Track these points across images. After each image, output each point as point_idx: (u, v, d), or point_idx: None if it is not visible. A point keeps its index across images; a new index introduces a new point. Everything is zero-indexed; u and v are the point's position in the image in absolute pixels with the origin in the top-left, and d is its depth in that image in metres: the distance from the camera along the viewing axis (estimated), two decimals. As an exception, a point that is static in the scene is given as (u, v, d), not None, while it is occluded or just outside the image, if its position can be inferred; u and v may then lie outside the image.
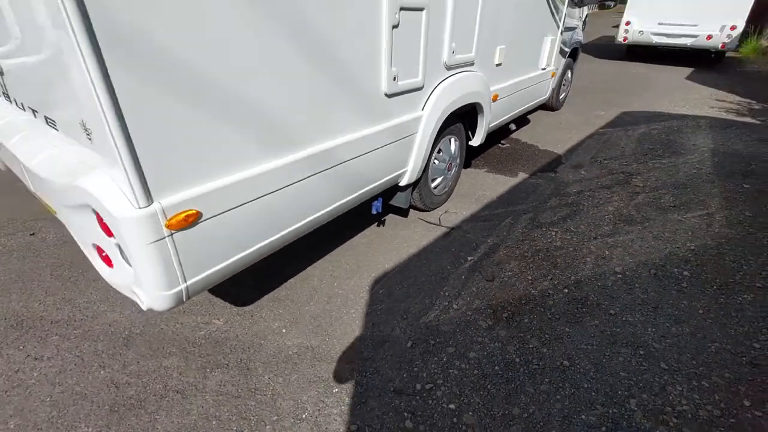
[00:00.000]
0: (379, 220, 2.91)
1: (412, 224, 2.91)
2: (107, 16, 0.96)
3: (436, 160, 2.81)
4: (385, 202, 2.60)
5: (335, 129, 1.79)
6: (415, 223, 2.92)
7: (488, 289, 2.27)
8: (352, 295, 2.23)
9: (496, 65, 3.05)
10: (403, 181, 2.46)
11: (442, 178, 2.95)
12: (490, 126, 3.29)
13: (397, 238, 2.74)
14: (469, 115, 3.01)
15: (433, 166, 2.78)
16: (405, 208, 2.84)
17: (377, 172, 2.17)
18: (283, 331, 1.99)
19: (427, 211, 3.02)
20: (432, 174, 2.83)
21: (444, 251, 2.61)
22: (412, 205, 2.89)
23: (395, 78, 2.01)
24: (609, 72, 8.21)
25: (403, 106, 2.18)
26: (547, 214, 3.05)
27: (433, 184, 2.90)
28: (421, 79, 2.21)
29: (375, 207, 2.48)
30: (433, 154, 2.70)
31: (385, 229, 2.86)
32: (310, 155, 1.67)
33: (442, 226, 2.87)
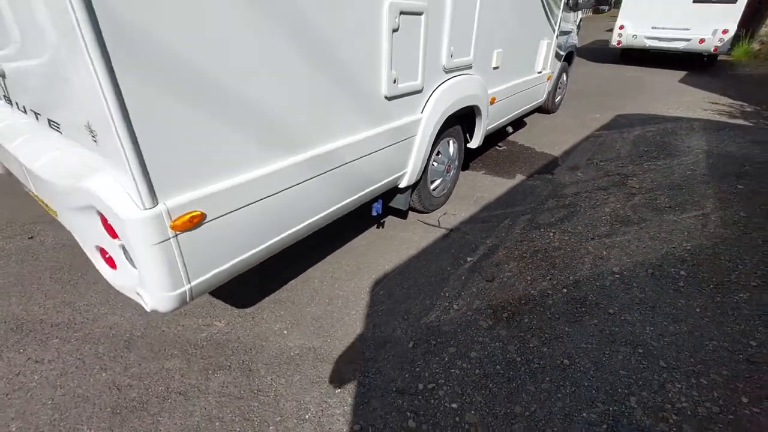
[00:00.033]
0: (379, 222, 2.92)
1: (411, 226, 2.93)
2: (114, 17, 0.97)
3: (435, 162, 2.83)
4: (385, 204, 2.61)
5: (337, 131, 1.81)
6: (415, 225, 2.94)
7: (488, 290, 2.29)
8: (353, 297, 2.24)
9: (494, 68, 3.08)
10: (402, 183, 2.48)
11: (441, 180, 2.98)
12: (488, 128, 3.32)
13: (397, 240, 2.76)
14: (467, 118, 3.04)
15: (432, 168, 2.80)
16: (404, 210, 2.86)
17: (377, 173, 2.19)
18: (285, 333, 1.99)
19: (426, 213, 3.04)
20: (431, 176, 2.85)
21: (443, 252, 2.63)
22: (412, 207, 2.91)
23: (395, 81, 2.03)
24: (603, 75, 8.30)
25: (402, 108, 2.20)
26: (545, 216, 3.07)
27: (432, 186, 2.92)
28: (421, 82, 2.23)
29: (375, 209, 2.50)
30: (432, 156, 2.73)
31: (384, 230, 2.88)
32: (313, 157, 1.69)
33: (442, 228, 2.89)
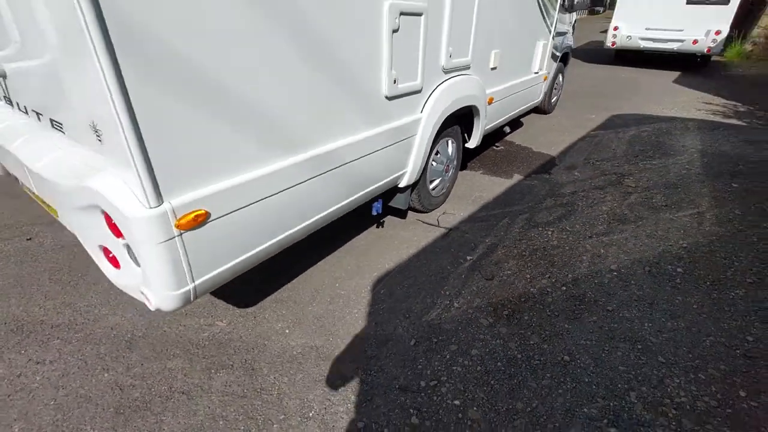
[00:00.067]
0: (379, 222, 2.94)
1: (410, 225, 2.94)
2: (121, 17, 0.98)
3: (434, 162, 2.85)
4: (385, 204, 2.63)
5: (338, 131, 1.82)
6: (414, 225, 2.95)
7: (488, 288, 2.30)
8: (354, 296, 2.25)
9: (491, 69, 3.11)
10: (402, 182, 2.50)
11: (440, 179, 2.99)
12: (486, 128, 3.34)
13: (397, 239, 2.77)
14: (465, 118, 3.06)
15: (431, 168, 2.82)
16: (404, 210, 2.87)
17: (378, 173, 2.20)
18: (287, 332, 2.00)
19: (426, 213, 3.06)
20: (430, 176, 2.86)
21: (443, 251, 2.64)
22: (411, 206, 2.92)
23: (395, 81, 2.05)
24: (598, 76, 8.37)
25: (402, 108, 2.22)
26: (543, 215, 3.10)
27: (431, 186, 2.93)
28: (420, 82, 2.25)
29: (375, 208, 2.51)
30: (431, 156, 2.75)
31: (384, 230, 2.89)
32: (315, 156, 1.70)
33: (441, 227, 2.91)
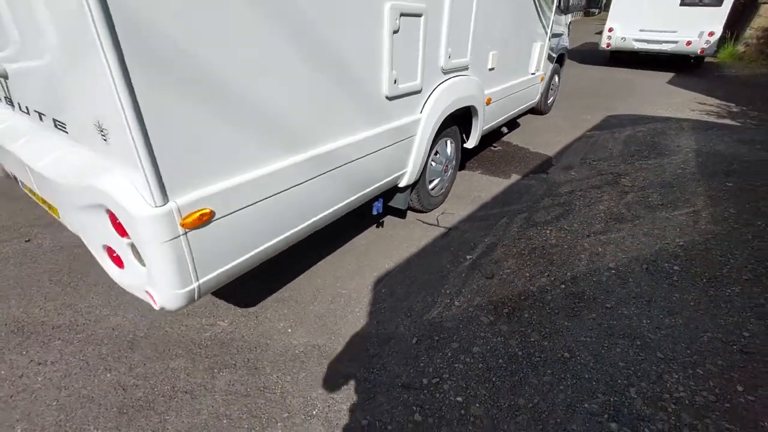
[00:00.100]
0: (378, 222, 2.95)
1: (410, 225, 2.96)
2: (128, 17, 0.99)
3: (434, 162, 2.87)
4: (384, 204, 2.64)
5: (341, 130, 1.84)
6: (414, 224, 2.97)
7: (488, 286, 2.32)
8: (355, 295, 2.26)
9: (489, 70, 3.13)
10: (402, 182, 2.51)
11: (439, 179, 3.01)
12: (484, 129, 3.37)
13: (397, 239, 2.78)
14: (463, 118, 3.09)
15: (430, 168, 2.84)
16: (403, 210, 2.89)
17: (379, 172, 2.22)
18: (289, 331, 2.01)
19: (425, 212, 3.07)
20: (429, 175, 2.88)
21: (443, 250, 2.66)
22: (411, 206, 2.94)
23: (395, 81, 2.06)
24: (593, 77, 8.43)
25: (402, 108, 2.23)
26: (541, 214, 3.13)
27: (430, 186, 2.95)
28: (420, 82, 2.27)
29: (376, 207, 2.52)
30: (430, 156, 2.76)
31: (384, 230, 2.90)
32: (318, 156, 1.71)
33: (440, 227, 2.93)
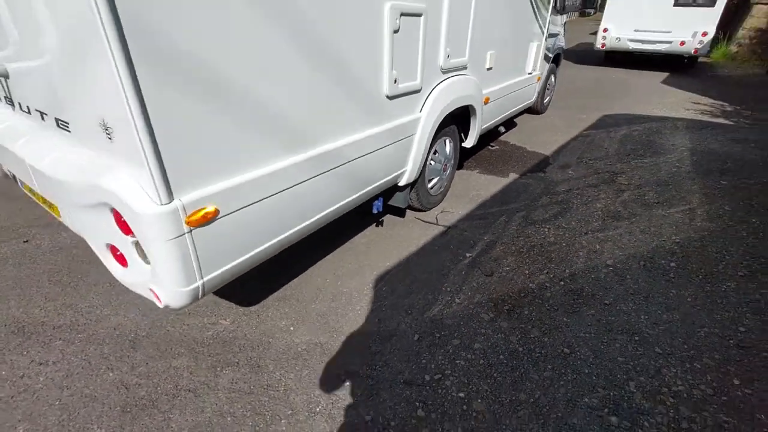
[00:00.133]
0: (378, 221, 2.96)
1: (409, 224, 2.97)
2: (135, 15, 1.00)
3: (433, 161, 2.88)
4: (384, 203, 2.65)
5: (343, 130, 1.85)
6: (413, 223, 2.98)
7: (488, 284, 2.34)
8: (356, 293, 2.27)
9: (487, 69, 3.16)
10: (402, 180, 2.53)
11: (438, 178, 3.03)
12: (482, 128, 3.39)
13: (397, 238, 2.80)
14: (462, 118, 3.11)
15: (429, 167, 2.86)
16: (402, 209, 2.90)
17: (380, 171, 2.23)
18: (291, 329, 2.02)
19: (424, 211, 3.09)
20: (429, 174, 2.90)
21: (443, 249, 2.68)
22: (410, 205, 2.95)
23: (396, 81, 2.08)
24: (589, 77, 8.49)
25: (402, 108, 2.25)
26: (539, 212, 3.15)
27: (429, 185, 2.97)
28: (419, 81, 2.29)
29: (376, 206, 2.53)
30: (429, 155, 2.78)
31: (383, 229, 2.92)
32: (320, 154, 1.72)
33: (440, 225, 2.95)
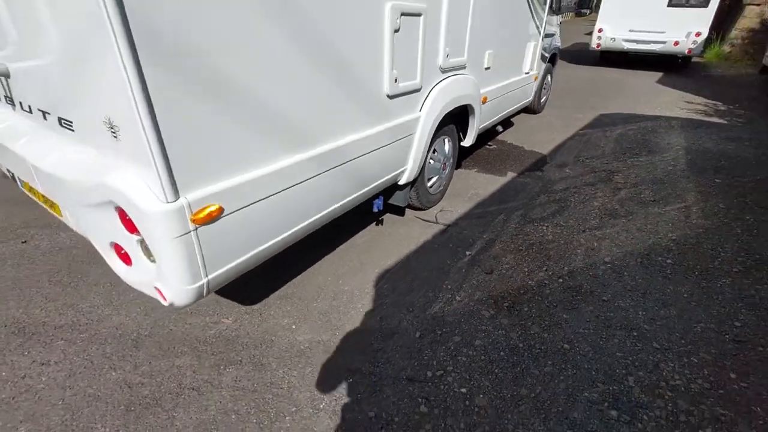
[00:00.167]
0: (378, 220, 2.98)
1: (409, 223, 2.99)
2: (143, 14, 1.01)
3: (432, 160, 2.90)
4: (384, 201, 2.67)
5: (344, 129, 1.86)
6: (413, 222, 3.00)
7: (488, 281, 2.36)
8: (358, 292, 2.28)
9: (485, 69, 3.18)
10: (402, 179, 2.54)
11: (437, 177, 3.05)
12: (480, 127, 3.41)
13: (397, 236, 2.81)
14: (460, 117, 3.13)
15: (429, 166, 2.87)
16: (402, 208, 2.92)
17: (380, 170, 2.25)
18: (293, 327, 2.02)
19: (424, 210, 3.11)
20: (428, 173, 2.91)
21: (443, 247, 2.70)
22: (410, 203, 2.96)
23: (396, 80, 2.09)
24: (584, 77, 8.55)
25: (403, 107, 2.26)
26: (538, 210, 3.18)
27: (429, 183, 2.99)
28: (419, 81, 2.30)
29: (376, 205, 2.55)
30: (429, 154, 2.80)
31: (383, 228, 2.93)
32: (323, 153, 1.74)
33: (439, 224, 2.96)
